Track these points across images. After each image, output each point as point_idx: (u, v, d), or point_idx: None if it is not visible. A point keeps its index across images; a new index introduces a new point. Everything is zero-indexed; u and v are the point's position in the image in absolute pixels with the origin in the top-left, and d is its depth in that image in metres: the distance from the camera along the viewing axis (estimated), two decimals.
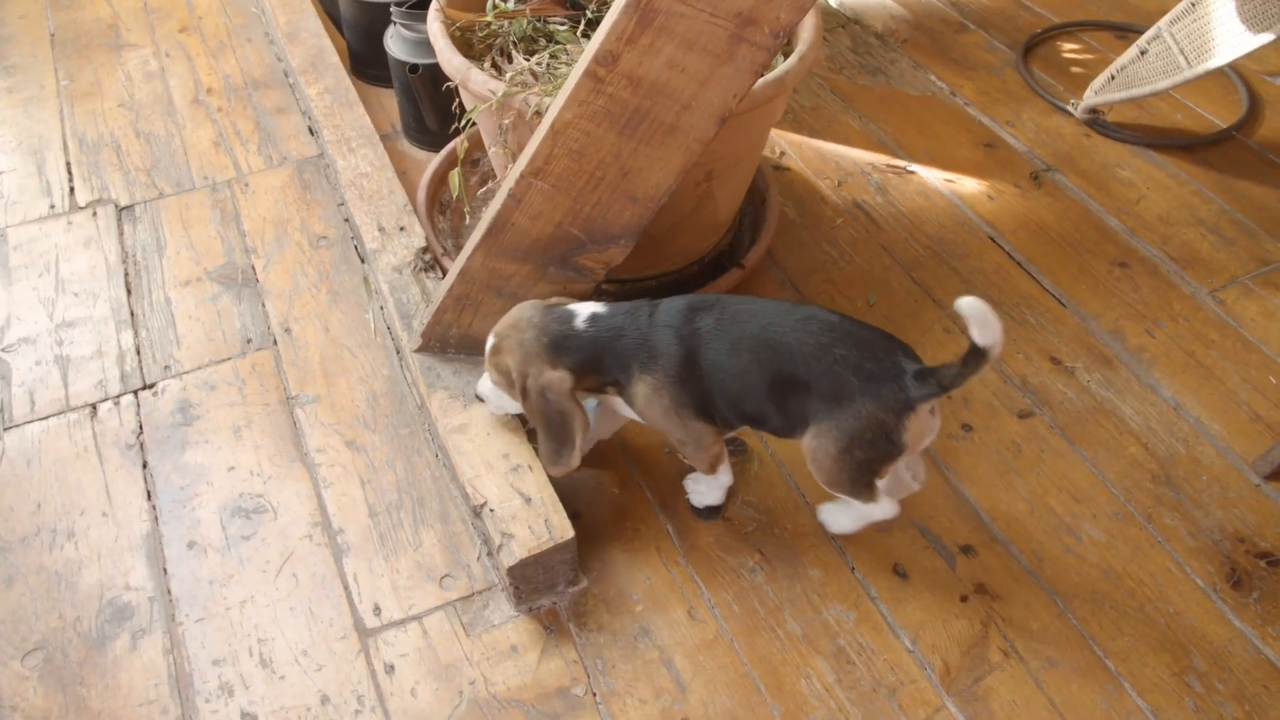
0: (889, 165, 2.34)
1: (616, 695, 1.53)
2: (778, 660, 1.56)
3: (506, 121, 1.65)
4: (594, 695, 1.53)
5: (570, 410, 1.49)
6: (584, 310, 1.53)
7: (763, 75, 1.46)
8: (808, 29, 1.77)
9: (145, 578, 1.66)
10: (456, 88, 1.75)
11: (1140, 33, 2.29)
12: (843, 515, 1.65)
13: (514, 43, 1.82)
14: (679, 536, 1.71)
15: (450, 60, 1.71)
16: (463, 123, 1.70)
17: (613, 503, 1.75)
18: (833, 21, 2.77)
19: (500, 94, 1.63)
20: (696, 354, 1.49)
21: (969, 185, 2.29)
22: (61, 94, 2.58)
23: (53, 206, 2.29)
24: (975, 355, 1.37)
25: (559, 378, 1.49)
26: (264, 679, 1.55)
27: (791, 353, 1.44)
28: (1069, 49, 2.68)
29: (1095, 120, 2.41)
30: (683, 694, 1.53)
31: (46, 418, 1.88)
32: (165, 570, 1.67)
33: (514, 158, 1.70)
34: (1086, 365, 1.94)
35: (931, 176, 2.31)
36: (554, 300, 1.57)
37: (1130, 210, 2.23)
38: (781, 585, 1.65)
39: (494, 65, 1.78)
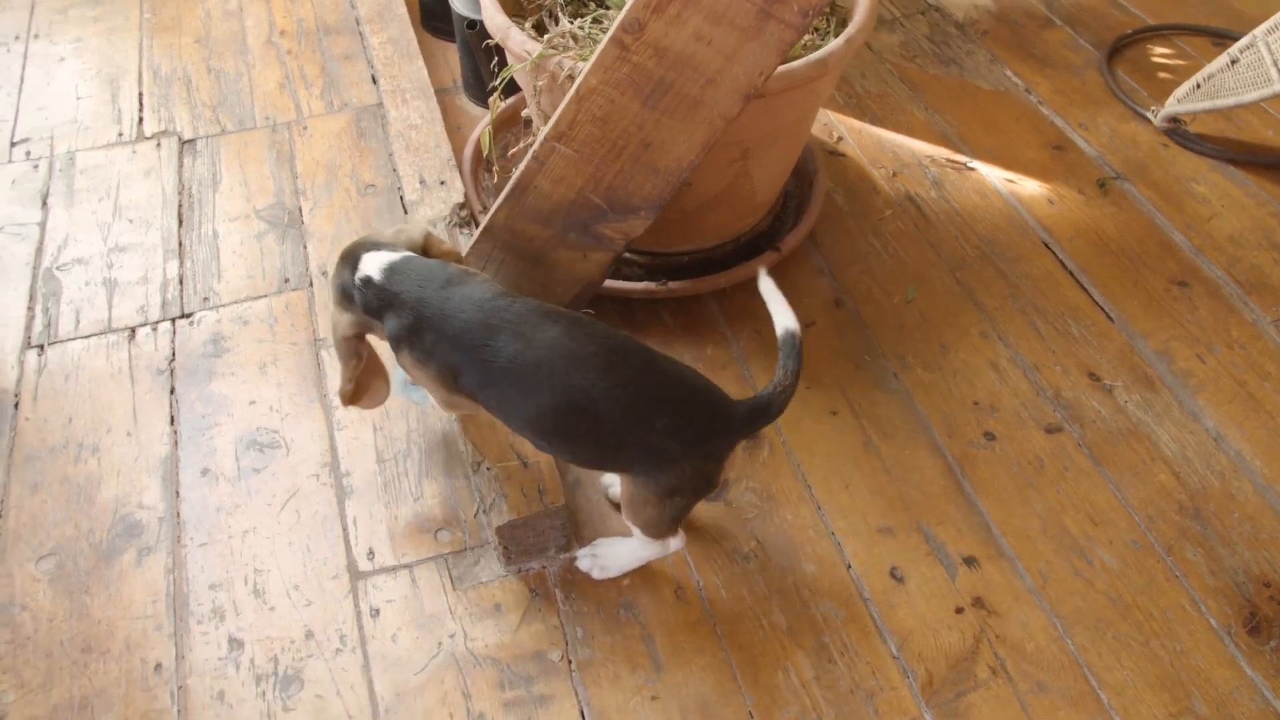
0: (949, 160, 2.26)
1: (592, 666, 1.53)
2: (758, 650, 1.54)
3: (541, 83, 1.64)
4: (569, 663, 1.53)
5: (345, 349, 1.50)
6: (379, 261, 1.46)
7: (791, 52, 1.41)
8: (861, 11, 1.72)
9: (158, 498, 1.72)
10: (499, 46, 1.75)
11: (1238, 40, 2.16)
12: (625, 556, 1.60)
13: (561, 5, 1.80)
14: None
15: (494, 17, 1.71)
16: (498, 82, 1.69)
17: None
18: (912, 7, 2.69)
19: (536, 55, 1.62)
20: (482, 370, 1.37)
21: (1030, 187, 2.21)
22: (143, 26, 2.66)
23: (121, 135, 2.36)
24: (789, 343, 1.38)
25: (345, 321, 1.50)
26: (254, 608, 1.59)
27: (601, 420, 1.34)
28: (1159, 53, 2.55)
29: (1175, 130, 2.29)
30: (658, 672, 1.52)
31: (88, 336, 1.96)
32: (178, 494, 1.73)
33: (545, 120, 1.69)
34: (1126, 385, 1.86)
35: (992, 175, 2.23)
36: (391, 234, 1.53)
37: (1199, 227, 2.12)
38: (774, 575, 1.63)
39: (537, 26, 1.77)
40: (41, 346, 1.94)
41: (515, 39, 1.66)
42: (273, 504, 1.71)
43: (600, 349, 1.35)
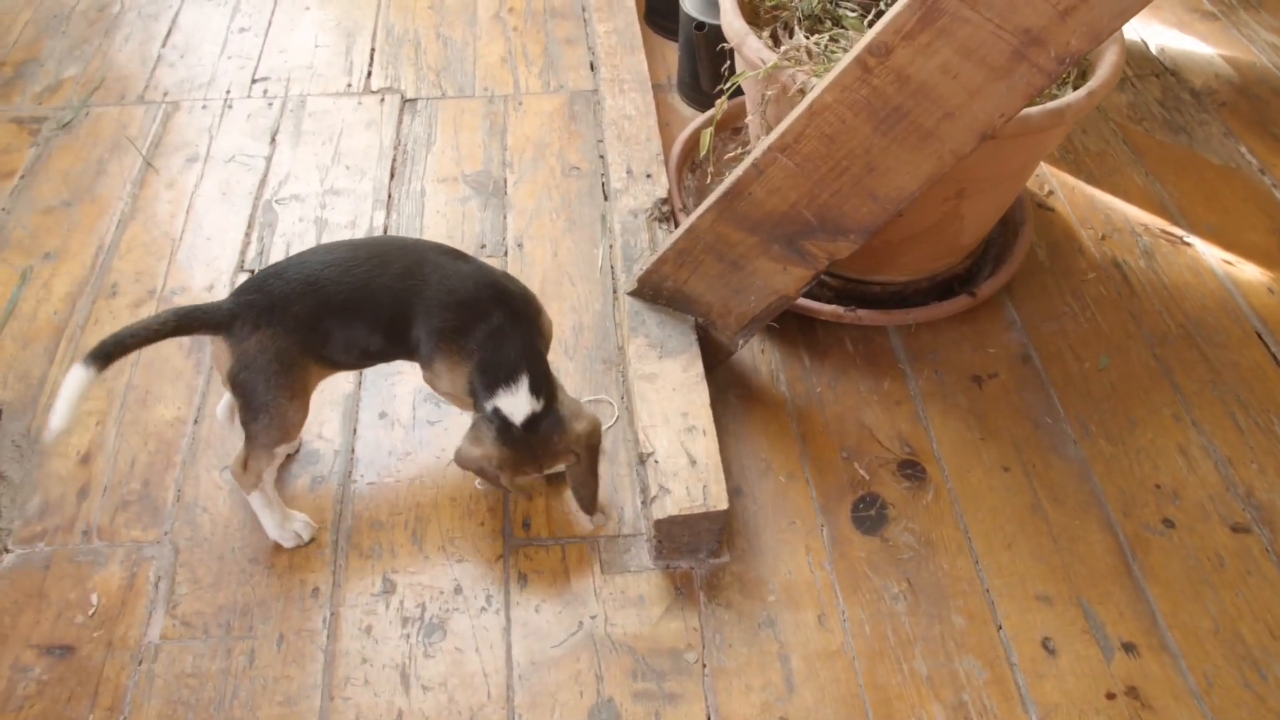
0: (1164, 231, 2.17)
1: (725, 673, 1.53)
2: (894, 693, 1.52)
3: (770, 93, 1.65)
4: (703, 666, 1.54)
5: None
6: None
7: (1035, 99, 1.38)
8: (1106, 65, 1.66)
9: (336, 432, 1.80)
10: (731, 50, 1.77)
11: None
12: None
13: (799, 19, 1.81)
14: (832, 542, 1.68)
15: (732, 22, 1.73)
16: (728, 85, 1.71)
17: (777, 489, 1.74)
18: (1145, 68, 2.58)
19: (770, 65, 1.63)
20: None
21: (1249, 272, 2.09)
22: None
23: (349, 85, 2.49)
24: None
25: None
26: (410, 554, 1.65)
27: None
28: None
29: None
30: (789, 694, 1.51)
31: None
32: (355, 431, 1.81)
33: (768, 130, 1.70)
34: None
35: (1208, 253, 2.13)
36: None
37: None
38: (920, 621, 1.59)
39: (773, 37, 1.78)
40: (252, 271, 2.06)
41: (751, 46, 1.67)
42: (441, 458, 1.77)
43: None
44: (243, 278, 2.04)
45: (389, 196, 2.21)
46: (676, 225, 1.99)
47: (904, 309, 1.90)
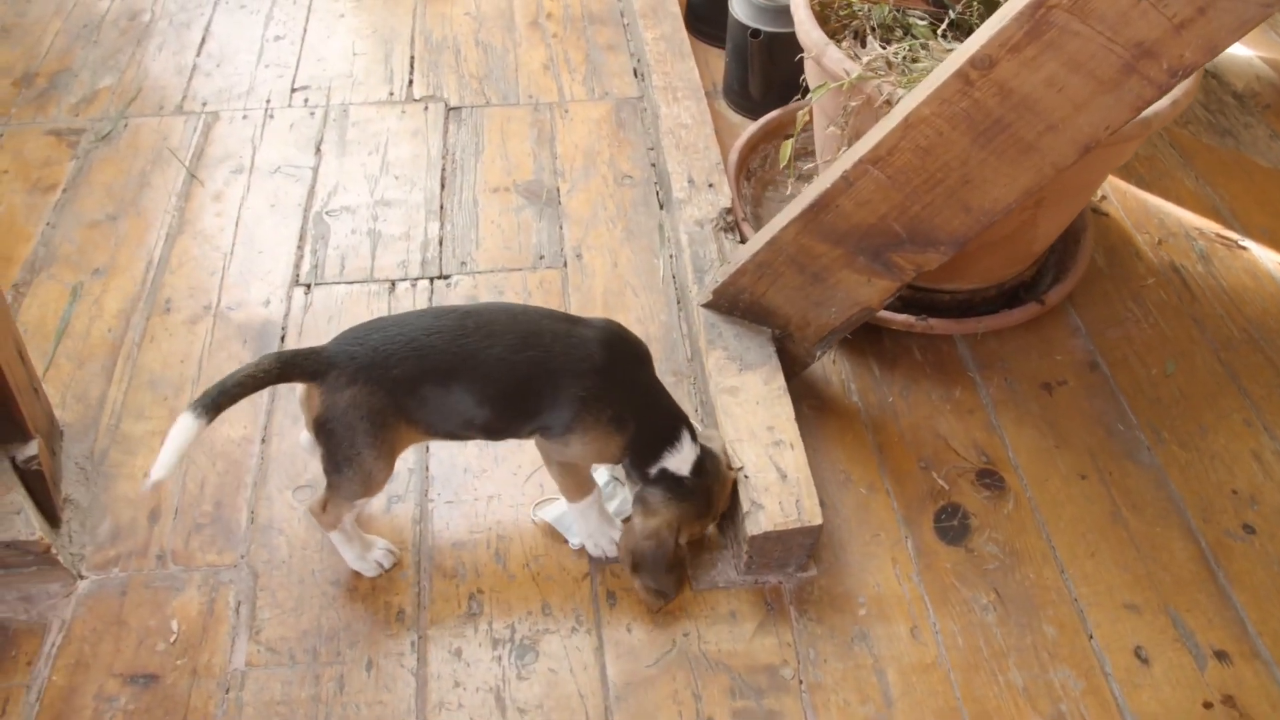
0: (1218, 235, 2.18)
1: (822, 689, 1.52)
2: (992, 706, 1.51)
3: (854, 104, 1.64)
4: (800, 682, 1.53)
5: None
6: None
7: (1143, 112, 1.38)
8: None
9: (409, 450, 1.77)
10: (802, 60, 1.76)
11: None
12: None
13: (872, 28, 1.80)
14: (917, 554, 1.67)
15: (810, 32, 1.71)
16: (810, 96, 1.70)
17: (858, 502, 1.73)
18: None
19: (854, 75, 1.62)
20: None
21: None
22: None
23: (391, 94, 2.45)
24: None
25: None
26: (495, 572, 1.63)
27: None
28: None
29: None
30: (888, 708, 1.51)
31: (351, 283, 2.04)
32: (428, 448, 1.78)
33: (849, 141, 1.69)
34: None
35: (1265, 257, 2.14)
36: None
37: None
38: (1011, 632, 1.59)
39: (860, 40, 1.77)
40: (309, 286, 2.03)
41: (832, 56, 1.66)
42: (518, 474, 1.75)
43: None
44: (298, 292, 2.01)
45: (441, 207, 2.19)
46: (741, 235, 1.97)
47: (972, 317, 1.90)
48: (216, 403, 1.33)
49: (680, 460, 1.49)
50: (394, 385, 1.39)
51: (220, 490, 1.73)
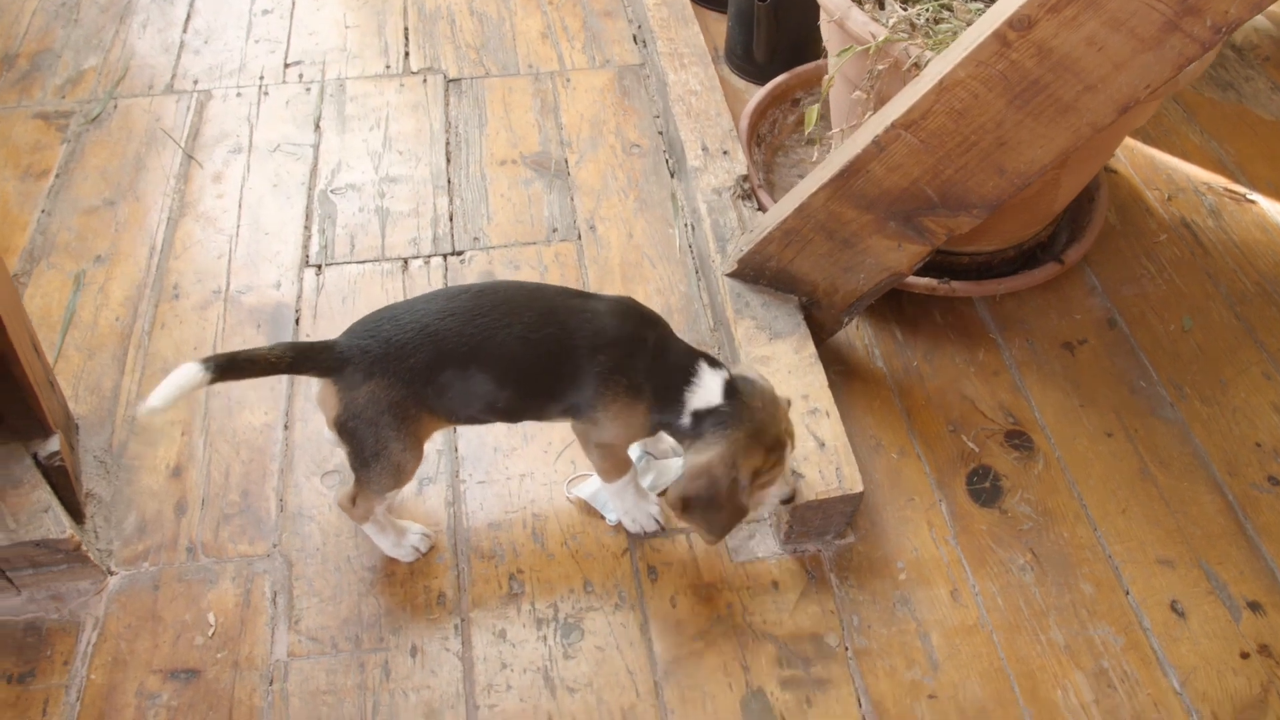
0: (1226, 189, 2.19)
1: (868, 655, 1.53)
2: (1035, 665, 1.53)
3: (880, 68, 1.62)
4: (846, 649, 1.53)
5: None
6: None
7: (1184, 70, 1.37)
8: None
9: (437, 433, 1.75)
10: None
11: None
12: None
13: None
14: (952, 517, 1.68)
15: None
16: (838, 59, 1.67)
17: (890, 467, 1.74)
18: None
19: (881, 39, 1.60)
20: None
21: None
22: None
23: (388, 67, 2.40)
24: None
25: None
26: (533, 552, 1.62)
27: None
28: None
29: None
30: (934, 671, 1.52)
31: (363, 262, 2.00)
32: (455, 429, 1.76)
33: (875, 105, 1.67)
34: None
35: (1274, 210, 2.16)
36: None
37: None
38: (1050, 591, 1.60)
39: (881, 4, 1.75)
40: (319, 267, 1.99)
41: (856, 19, 1.64)
42: (548, 451, 1.74)
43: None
44: (309, 273, 1.97)
45: (448, 182, 2.15)
46: (758, 202, 1.96)
47: (992, 279, 1.89)
48: (223, 366, 1.30)
49: (705, 392, 1.40)
50: (412, 375, 1.35)
51: (246, 479, 1.69)
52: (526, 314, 1.38)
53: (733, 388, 1.41)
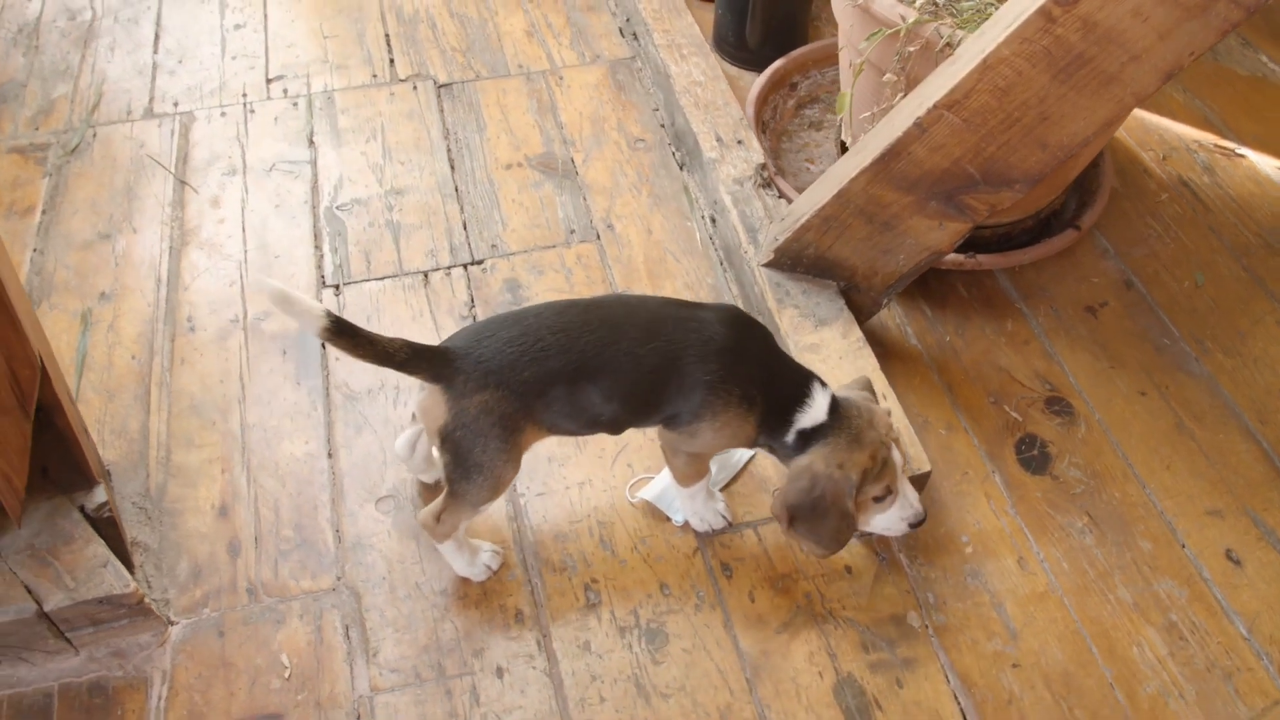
0: (1216, 145, 2.26)
1: (949, 631, 1.55)
2: (1109, 624, 1.57)
3: (911, 49, 1.63)
4: (928, 628, 1.55)
5: None
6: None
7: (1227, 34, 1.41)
8: None
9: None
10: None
11: None
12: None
13: None
14: (1007, 487, 1.71)
15: None
16: (869, 41, 1.68)
17: (940, 443, 1.76)
18: None
19: (911, 21, 1.61)
20: None
21: None
22: None
23: (375, 75, 2.34)
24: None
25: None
26: (604, 559, 1.60)
27: None
28: None
29: None
30: (1013, 640, 1.55)
31: (382, 279, 1.95)
32: None
33: (906, 88, 1.68)
34: None
35: (1263, 163, 2.23)
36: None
37: None
38: (1110, 551, 1.64)
39: None
40: (338, 286, 1.94)
41: (884, 3, 1.65)
42: (603, 457, 1.72)
43: None
44: (328, 294, 1.92)
45: (456, 189, 2.10)
46: (778, 190, 1.96)
47: (1014, 250, 1.93)
48: (343, 330, 1.28)
49: (814, 413, 1.41)
50: (524, 388, 1.34)
51: (298, 512, 1.65)
52: (633, 328, 1.38)
53: (835, 404, 1.43)
